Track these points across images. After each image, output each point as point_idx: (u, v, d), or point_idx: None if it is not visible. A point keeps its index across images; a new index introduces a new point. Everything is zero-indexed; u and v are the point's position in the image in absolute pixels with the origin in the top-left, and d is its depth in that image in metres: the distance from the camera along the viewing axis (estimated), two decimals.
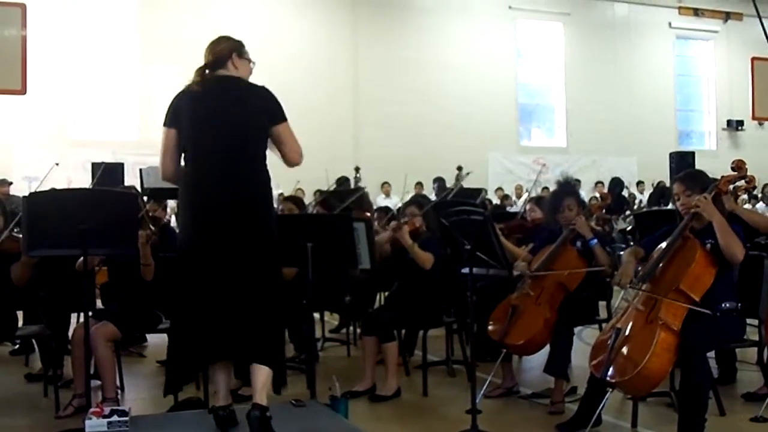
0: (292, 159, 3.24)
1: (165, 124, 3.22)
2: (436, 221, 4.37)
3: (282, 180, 3.28)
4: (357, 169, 13.86)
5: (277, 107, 3.21)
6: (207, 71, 3.21)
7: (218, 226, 3.11)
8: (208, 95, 3.16)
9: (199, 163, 3.16)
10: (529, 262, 4.38)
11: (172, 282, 3.30)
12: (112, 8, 14.55)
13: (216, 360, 3.21)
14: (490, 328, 4.27)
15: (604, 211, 5.92)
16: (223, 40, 3.29)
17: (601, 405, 3.50)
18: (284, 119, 3.20)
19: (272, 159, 3.23)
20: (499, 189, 15.04)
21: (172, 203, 9.85)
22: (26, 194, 3.75)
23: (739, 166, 3.77)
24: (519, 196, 14.88)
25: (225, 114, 3.14)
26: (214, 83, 3.19)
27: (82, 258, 4.09)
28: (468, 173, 10.52)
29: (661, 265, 3.55)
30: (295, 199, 5.76)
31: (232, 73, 3.23)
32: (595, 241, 4.20)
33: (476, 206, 5.32)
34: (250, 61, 3.31)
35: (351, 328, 6.08)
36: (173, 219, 10.16)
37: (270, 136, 3.19)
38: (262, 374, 3.07)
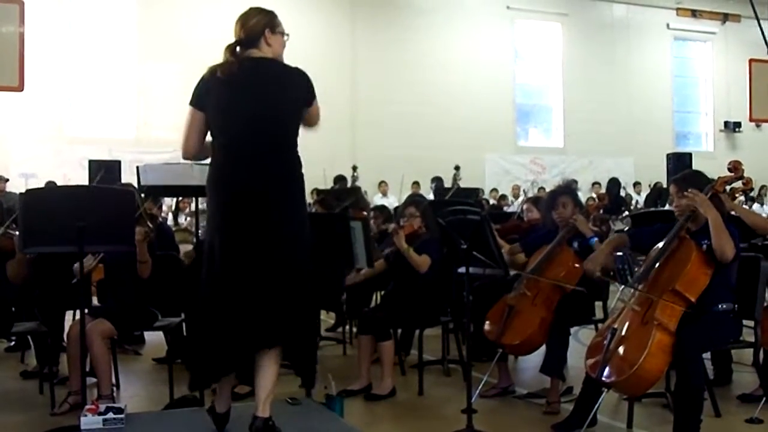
0: (313, 126, 3.18)
1: (191, 104, 3.07)
2: (433, 221, 4.38)
3: None
4: (354, 168, 13.87)
5: (311, 89, 3.10)
6: (238, 49, 3.03)
7: (248, 218, 2.97)
8: (240, 82, 2.98)
9: (229, 153, 3.01)
10: (525, 262, 4.38)
11: (194, 275, 3.20)
12: (110, 5, 14.54)
13: (251, 353, 3.01)
14: (486, 327, 4.27)
15: (601, 211, 5.94)
16: (255, 13, 3.07)
17: (597, 405, 3.50)
18: (314, 97, 3.12)
19: None
20: (494, 190, 15.04)
21: (168, 201, 9.88)
22: (23, 191, 3.73)
23: (735, 166, 3.78)
24: (516, 197, 14.90)
25: (258, 103, 2.98)
26: (247, 68, 2.99)
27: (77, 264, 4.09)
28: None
29: (657, 265, 3.55)
30: None
31: (266, 52, 3.04)
32: (596, 239, 4.20)
33: (473, 206, 5.32)
34: (283, 34, 3.10)
35: (347, 326, 6.08)
36: (170, 217, 10.20)
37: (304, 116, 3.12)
38: (266, 386, 3.00)
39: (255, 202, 2.98)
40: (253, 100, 3.00)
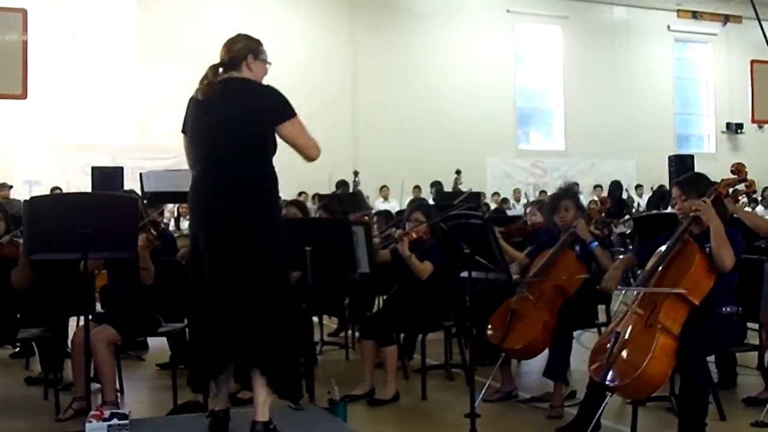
0: (307, 156, 3.15)
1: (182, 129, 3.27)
2: (437, 226, 4.37)
3: (284, 185, 3.26)
4: (356, 173, 13.89)
5: (282, 106, 3.09)
6: (220, 70, 3.13)
7: (217, 232, 3.06)
8: (210, 100, 3.09)
9: (200, 170, 3.13)
10: (527, 266, 4.38)
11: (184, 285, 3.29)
12: (112, 13, 14.58)
13: (224, 365, 3.17)
14: (489, 332, 4.27)
15: (603, 215, 5.93)
16: (241, 39, 3.20)
17: (601, 409, 3.49)
18: (291, 116, 3.08)
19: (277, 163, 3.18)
20: (496, 194, 15.06)
21: (170, 206, 9.90)
22: (27, 198, 3.75)
23: (738, 169, 3.77)
24: (518, 200, 14.90)
25: (224, 119, 3.07)
26: (219, 87, 3.10)
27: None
28: (469, 189, 10.48)
29: (660, 268, 3.55)
30: (299, 204, 5.77)
31: (246, 75, 3.14)
32: (596, 243, 4.20)
33: (475, 210, 5.32)
34: (266, 62, 3.21)
35: (350, 331, 6.08)
36: (171, 223, 10.22)
37: (279, 136, 3.10)
38: (264, 390, 3.04)
39: (215, 218, 3.08)
40: (208, 116, 3.11)
